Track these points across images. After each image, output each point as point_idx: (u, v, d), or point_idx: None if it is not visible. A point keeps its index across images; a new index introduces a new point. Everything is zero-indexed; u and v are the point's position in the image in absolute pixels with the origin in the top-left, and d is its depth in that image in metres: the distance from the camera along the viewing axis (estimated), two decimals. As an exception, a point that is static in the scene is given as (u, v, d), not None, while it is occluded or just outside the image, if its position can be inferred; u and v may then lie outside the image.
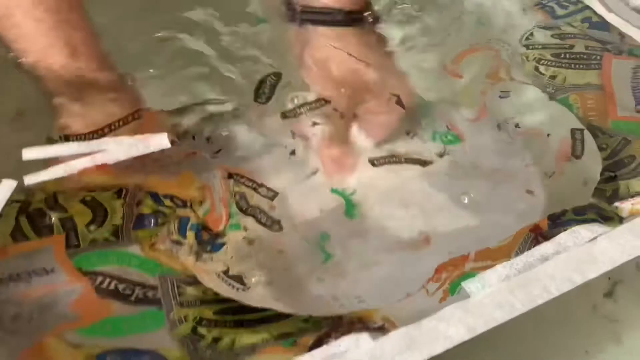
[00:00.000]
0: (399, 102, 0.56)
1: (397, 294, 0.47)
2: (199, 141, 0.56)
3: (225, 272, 0.48)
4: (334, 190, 0.54)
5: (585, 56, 0.61)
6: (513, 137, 0.58)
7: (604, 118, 0.56)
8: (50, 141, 0.51)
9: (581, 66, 0.60)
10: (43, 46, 0.50)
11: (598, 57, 0.61)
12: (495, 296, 0.40)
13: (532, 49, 0.63)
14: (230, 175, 0.54)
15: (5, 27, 0.50)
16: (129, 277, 0.45)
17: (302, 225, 0.52)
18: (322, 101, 0.56)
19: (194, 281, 0.46)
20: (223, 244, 0.50)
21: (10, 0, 0.50)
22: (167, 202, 0.50)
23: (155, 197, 0.50)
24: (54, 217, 0.47)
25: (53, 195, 0.48)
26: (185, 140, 0.55)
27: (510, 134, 0.58)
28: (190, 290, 0.45)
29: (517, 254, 0.44)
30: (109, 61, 0.53)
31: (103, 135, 0.51)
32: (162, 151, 0.51)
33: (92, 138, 0.51)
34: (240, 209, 0.52)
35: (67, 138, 0.51)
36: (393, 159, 0.55)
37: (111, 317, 0.43)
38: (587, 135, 0.56)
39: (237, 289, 0.47)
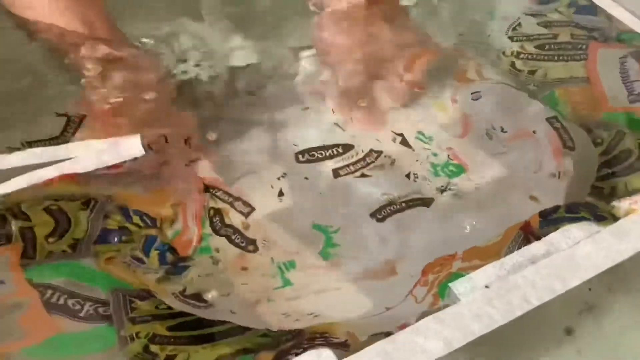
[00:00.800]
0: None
1: (360, 311, 0.44)
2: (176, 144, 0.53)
3: (182, 292, 0.45)
4: (315, 226, 0.50)
5: (570, 46, 0.58)
6: (504, 144, 0.55)
7: (595, 110, 0.54)
8: (11, 150, 0.48)
9: (565, 57, 0.58)
10: (61, 26, 0.50)
11: (584, 47, 0.58)
12: (473, 307, 0.37)
13: (516, 40, 0.60)
14: (206, 188, 0.51)
15: (22, 9, 0.50)
16: (80, 291, 0.42)
17: (273, 248, 0.49)
18: (373, 154, 0.55)
19: (148, 295, 0.43)
20: (187, 267, 0.47)
21: None
22: (136, 219, 0.48)
23: (125, 212, 0.48)
24: (14, 226, 0.44)
25: (16, 203, 0.45)
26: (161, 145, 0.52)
27: (500, 141, 0.55)
28: (143, 305, 0.42)
29: (507, 253, 0.42)
30: (122, 32, 0.53)
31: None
32: (136, 159, 0.48)
33: (58, 143, 0.49)
34: (214, 230, 0.49)
35: (30, 145, 0.49)
36: (395, 208, 0.51)
37: (59, 334, 0.40)
38: (564, 121, 0.54)
39: (199, 307, 0.44)
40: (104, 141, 0.48)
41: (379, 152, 0.54)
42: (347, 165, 0.54)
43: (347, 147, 0.55)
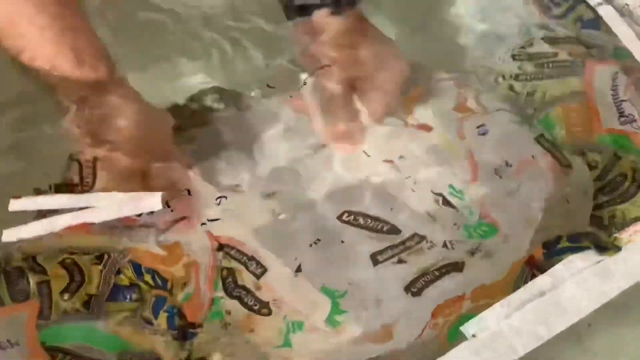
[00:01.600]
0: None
1: None
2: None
3: (187, 358, 0.46)
4: (324, 289, 0.49)
5: (568, 63, 0.58)
6: (514, 179, 0.53)
7: (589, 132, 0.53)
8: (38, 192, 0.50)
9: (563, 73, 0.57)
10: (50, 54, 0.50)
11: (580, 63, 0.57)
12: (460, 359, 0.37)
13: (517, 59, 0.59)
14: (220, 247, 0.51)
15: (11, 37, 0.50)
16: (90, 354, 0.43)
17: (284, 309, 0.48)
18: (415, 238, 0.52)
19: (155, 358, 0.44)
20: (195, 334, 0.47)
21: (14, 9, 0.50)
22: (148, 277, 0.48)
23: (137, 268, 0.48)
24: (31, 281, 0.46)
25: (32, 256, 0.47)
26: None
27: (509, 177, 0.53)
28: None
29: (514, 289, 0.42)
30: (111, 61, 0.53)
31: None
32: (153, 213, 0.49)
33: (84, 191, 0.50)
34: (226, 291, 0.49)
35: (58, 188, 0.50)
36: (429, 278, 0.49)
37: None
38: (552, 139, 0.54)
39: None
40: (125, 194, 0.49)
41: (422, 237, 0.51)
42: (386, 249, 0.51)
43: (394, 230, 0.52)
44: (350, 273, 0.49)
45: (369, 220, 0.52)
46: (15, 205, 0.49)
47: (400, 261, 0.50)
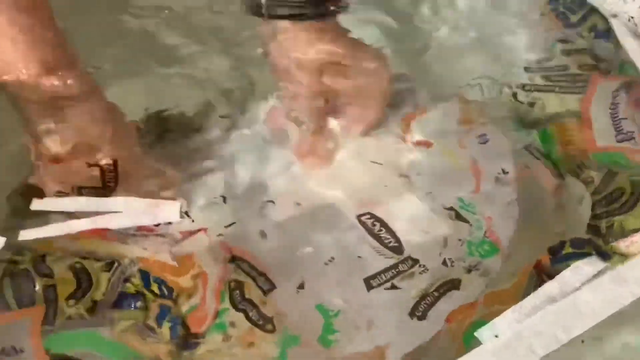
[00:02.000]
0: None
1: None
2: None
3: None
4: (318, 307, 0.49)
5: (572, 78, 0.58)
6: (513, 186, 0.53)
7: (583, 151, 0.54)
8: (60, 193, 0.50)
9: (565, 89, 0.58)
10: (20, 67, 0.50)
11: (585, 78, 0.58)
12: (481, 360, 0.38)
13: (529, 71, 0.60)
14: (233, 259, 0.50)
15: None
16: None
17: (284, 322, 0.48)
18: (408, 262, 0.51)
19: None
20: (197, 344, 0.47)
21: None
22: (155, 286, 0.48)
23: (145, 277, 0.48)
24: (38, 285, 0.46)
25: (42, 256, 0.47)
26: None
27: (509, 184, 0.53)
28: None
29: (524, 295, 0.43)
30: (84, 73, 0.53)
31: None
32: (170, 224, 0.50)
33: (106, 195, 0.50)
34: (233, 304, 0.48)
35: (80, 190, 0.51)
36: (428, 301, 0.49)
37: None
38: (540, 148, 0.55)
39: None
40: (144, 201, 0.50)
41: (415, 261, 0.51)
42: (379, 274, 0.50)
43: (398, 250, 0.51)
44: (347, 293, 0.49)
45: (383, 230, 0.52)
46: (37, 204, 0.49)
47: (393, 287, 0.49)
